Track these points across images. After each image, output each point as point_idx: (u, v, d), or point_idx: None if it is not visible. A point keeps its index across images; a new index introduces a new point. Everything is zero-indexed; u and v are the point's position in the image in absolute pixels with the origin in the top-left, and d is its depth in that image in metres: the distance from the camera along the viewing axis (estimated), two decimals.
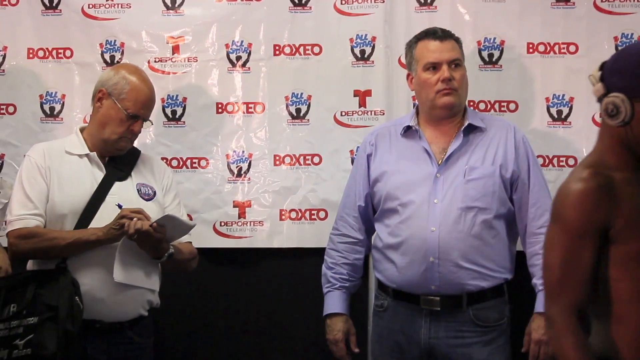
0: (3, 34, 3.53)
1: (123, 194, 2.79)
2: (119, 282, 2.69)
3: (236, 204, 3.50)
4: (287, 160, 3.50)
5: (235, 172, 3.51)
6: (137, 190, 2.85)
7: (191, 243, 2.98)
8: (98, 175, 2.81)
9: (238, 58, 3.50)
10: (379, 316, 2.94)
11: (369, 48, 3.46)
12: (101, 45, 3.51)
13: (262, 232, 3.49)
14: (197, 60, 3.51)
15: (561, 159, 3.37)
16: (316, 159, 3.49)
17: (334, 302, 3.00)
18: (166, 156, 3.47)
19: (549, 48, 3.37)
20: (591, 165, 2.05)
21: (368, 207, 2.99)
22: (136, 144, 3.00)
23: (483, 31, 3.40)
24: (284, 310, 3.52)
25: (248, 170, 3.50)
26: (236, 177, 3.51)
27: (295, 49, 3.49)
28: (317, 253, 3.14)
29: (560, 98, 3.37)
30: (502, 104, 3.39)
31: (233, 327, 3.54)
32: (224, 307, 3.55)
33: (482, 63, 3.40)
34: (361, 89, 3.46)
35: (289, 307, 3.51)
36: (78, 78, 3.53)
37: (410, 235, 2.77)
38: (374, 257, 2.97)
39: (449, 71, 2.80)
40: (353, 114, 3.46)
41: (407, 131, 2.93)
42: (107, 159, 2.86)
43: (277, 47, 3.49)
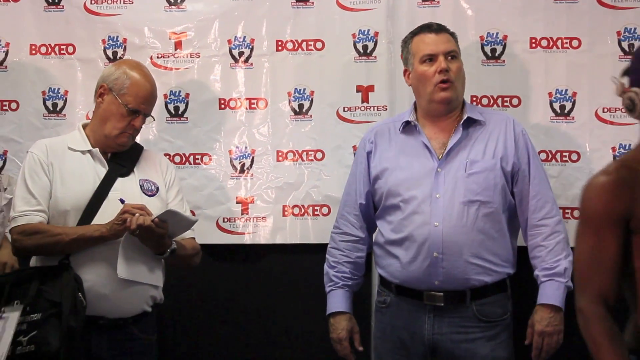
0: (6, 31, 3.54)
1: (126, 190, 2.79)
2: (123, 279, 2.69)
3: (239, 200, 3.51)
4: (290, 156, 3.51)
5: (238, 168, 3.52)
6: (140, 186, 2.85)
7: (194, 239, 2.97)
8: (101, 171, 2.80)
9: (240, 54, 3.51)
10: (382, 312, 2.94)
11: (372, 43, 3.46)
12: (104, 41, 3.52)
13: (265, 228, 3.50)
14: (200, 56, 3.52)
15: (564, 154, 3.38)
16: (319, 155, 3.50)
17: (337, 301, 2.99)
18: (169, 152, 3.47)
19: (552, 43, 3.38)
20: (622, 159, 2.09)
21: (369, 205, 2.99)
22: (139, 140, 3.00)
23: (486, 26, 3.40)
24: (287, 306, 3.52)
25: (251, 166, 3.51)
26: (239, 173, 3.52)
27: (297, 45, 3.50)
28: (320, 249, 3.15)
29: (563, 93, 3.38)
30: (505, 99, 3.40)
31: (237, 323, 3.54)
32: (228, 303, 3.55)
33: (485, 58, 3.40)
34: (364, 85, 3.46)
35: (292, 303, 3.51)
36: (81, 74, 3.53)
37: (413, 230, 2.77)
38: (376, 254, 2.97)
39: (446, 62, 2.81)
40: (356, 110, 3.47)
41: (406, 127, 2.93)
42: (110, 155, 2.85)
43: (280, 43, 3.50)
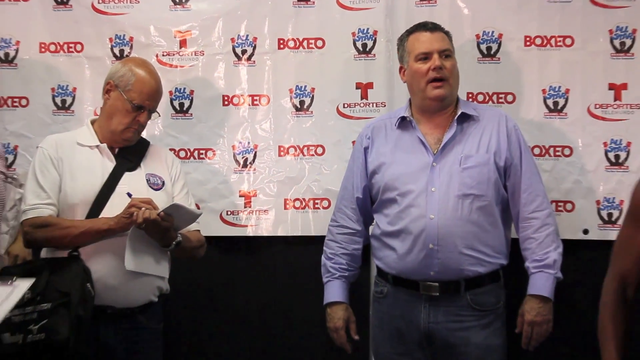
0: (16, 29, 3.55)
1: (133, 184, 2.81)
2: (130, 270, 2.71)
3: (242, 194, 3.53)
4: (292, 151, 3.53)
5: (241, 163, 3.54)
6: (147, 180, 2.87)
7: (199, 231, 2.99)
8: (108, 165, 2.83)
9: (243, 52, 3.52)
10: (379, 302, 2.96)
11: (371, 42, 3.47)
12: (111, 39, 3.53)
13: (267, 221, 3.52)
14: (204, 54, 3.53)
15: (557, 149, 3.40)
16: (319, 150, 3.51)
17: (334, 291, 3.01)
18: (174, 147, 3.49)
19: (546, 41, 3.39)
20: None
21: (366, 199, 3.01)
22: (145, 136, 3.03)
23: (481, 25, 3.41)
24: (288, 295, 3.54)
25: (253, 160, 3.53)
26: (242, 168, 3.54)
27: (299, 43, 3.51)
28: (321, 241, 3.14)
29: (556, 90, 3.39)
30: (500, 96, 3.41)
31: (238, 312, 3.56)
32: (231, 293, 3.57)
33: (481, 56, 3.41)
34: (363, 82, 3.48)
35: (293, 293, 3.52)
36: (88, 72, 3.55)
37: (409, 223, 2.80)
38: (373, 245, 2.99)
39: (440, 60, 2.83)
40: (355, 106, 3.49)
41: (402, 123, 2.94)
42: (117, 150, 2.88)
43: (282, 41, 3.51)
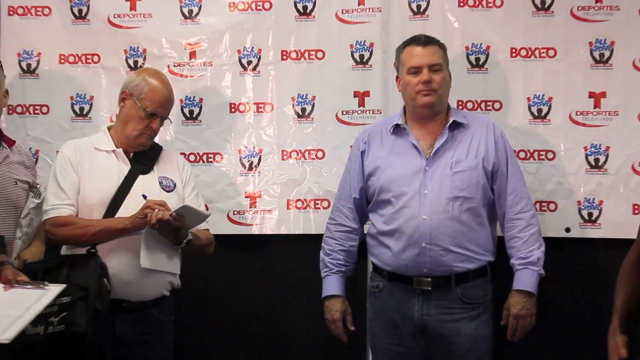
0: (37, 42, 3.65)
1: (146, 186, 2.90)
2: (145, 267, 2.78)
3: (248, 195, 3.61)
4: (294, 155, 3.61)
5: (247, 166, 3.62)
6: (159, 182, 2.95)
7: (208, 230, 3.06)
8: (124, 169, 2.92)
9: (249, 62, 3.61)
10: (375, 296, 3.05)
11: (368, 53, 3.55)
12: (125, 51, 3.63)
13: (271, 220, 3.60)
14: (212, 64, 3.62)
15: (541, 153, 3.50)
16: (320, 154, 3.60)
17: (332, 285, 3.09)
18: (184, 151, 3.55)
19: (530, 52, 3.49)
20: None
21: (362, 199, 3.08)
22: (158, 141, 3.11)
23: (470, 37, 3.50)
24: (291, 290, 3.61)
25: (258, 164, 3.62)
26: (248, 171, 3.62)
27: (300, 54, 3.60)
28: (321, 239, 3.21)
29: (540, 98, 3.49)
30: (488, 104, 3.51)
31: (245, 305, 3.64)
32: (237, 286, 3.64)
33: (470, 66, 3.51)
34: (360, 90, 3.57)
35: (296, 288, 3.59)
36: (105, 81, 3.64)
37: (403, 223, 2.89)
38: (369, 243, 3.06)
39: (429, 74, 2.90)
40: (353, 113, 3.57)
41: (396, 129, 3.02)
42: (132, 155, 2.97)
43: (285, 53, 3.60)
